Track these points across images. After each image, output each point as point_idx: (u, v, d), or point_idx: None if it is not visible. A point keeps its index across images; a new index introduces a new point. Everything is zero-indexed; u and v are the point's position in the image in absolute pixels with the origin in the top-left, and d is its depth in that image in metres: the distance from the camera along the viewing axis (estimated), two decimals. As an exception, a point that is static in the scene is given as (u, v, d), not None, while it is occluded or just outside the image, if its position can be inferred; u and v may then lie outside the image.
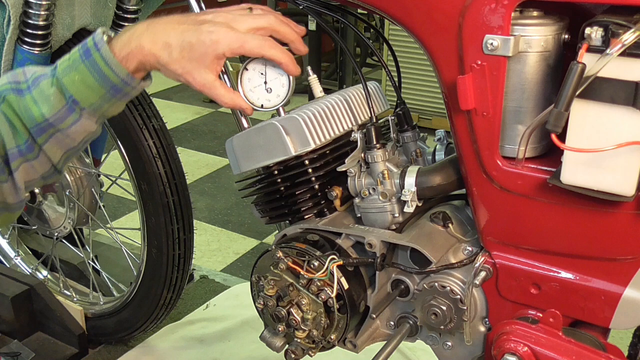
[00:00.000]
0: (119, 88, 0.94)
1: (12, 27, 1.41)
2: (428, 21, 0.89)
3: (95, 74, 0.92)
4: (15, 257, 2.13)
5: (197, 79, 0.93)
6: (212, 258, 2.65)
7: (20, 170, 0.96)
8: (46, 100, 0.93)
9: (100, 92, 0.93)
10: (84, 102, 0.94)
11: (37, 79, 0.95)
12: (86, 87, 0.93)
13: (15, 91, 0.95)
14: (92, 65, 0.92)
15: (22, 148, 0.95)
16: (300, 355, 1.08)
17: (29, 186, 1.01)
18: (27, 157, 0.96)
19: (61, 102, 0.94)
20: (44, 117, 0.94)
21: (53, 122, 0.94)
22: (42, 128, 0.94)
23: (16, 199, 0.99)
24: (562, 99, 0.75)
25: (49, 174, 1.02)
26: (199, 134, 4.03)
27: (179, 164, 1.66)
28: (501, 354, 0.93)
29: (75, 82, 0.93)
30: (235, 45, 0.92)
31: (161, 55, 0.92)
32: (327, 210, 1.10)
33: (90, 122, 0.97)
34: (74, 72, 0.93)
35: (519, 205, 0.92)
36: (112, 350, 1.98)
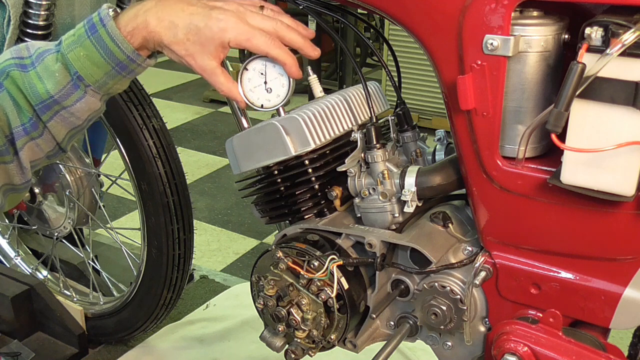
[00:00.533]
0: (124, 65, 0.93)
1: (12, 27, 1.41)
2: (428, 21, 0.89)
3: (101, 50, 0.91)
4: (15, 257, 2.13)
5: (198, 62, 0.93)
6: (212, 258, 2.65)
7: (25, 149, 0.95)
8: (51, 76, 0.92)
9: (106, 69, 0.92)
10: (89, 78, 0.93)
11: (42, 54, 0.94)
12: (92, 63, 0.92)
13: (19, 66, 0.93)
14: (98, 41, 0.91)
15: (26, 126, 0.94)
16: (300, 355, 1.08)
17: (35, 165, 1.00)
18: (32, 136, 0.95)
19: (66, 78, 0.92)
20: (48, 94, 0.92)
21: (58, 99, 0.93)
22: (47, 105, 0.93)
23: (22, 179, 0.98)
24: (562, 99, 0.75)
25: (54, 152, 1.00)
26: (199, 134, 4.03)
27: (179, 164, 1.66)
28: (501, 354, 0.93)
29: (80, 57, 0.92)
30: (242, 37, 0.91)
31: (165, 35, 0.91)
32: (327, 210, 1.10)
33: (95, 100, 0.96)
34: (79, 47, 0.92)
35: (519, 205, 0.92)
36: (112, 350, 1.98)
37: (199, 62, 0.93)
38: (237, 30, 0.91)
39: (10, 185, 0.97)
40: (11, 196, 0.99)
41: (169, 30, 0.91)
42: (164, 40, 0.91)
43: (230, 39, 0.91)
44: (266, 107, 1.01)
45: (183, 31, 0.91)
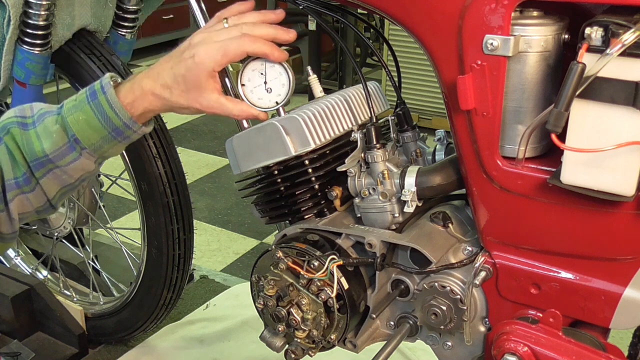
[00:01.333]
0: (120, 131, 0.97)
1: (12, 27, 1.41)
2: (428, 21, 0.89)
3: (99, 115, 0.95)
4: (15, 257, 2.13)
5: (203, 104, 0.96)
6: (212, 258, 2.65)
7: (15, 201, 0.99)
8: (49, 137, 0.96)
9: (102, 133, 0.96)
10: (86, 141, 0.97)
11: (43, 115, 0.98)
12: (89, 127, 0.96)
13: (21, 125, 0.98)
14: (97, 107, 0.95)
15: (19, 180, 0.98)
16: (300, 355, 1.08)
17: (23, 218, 1.03)
18: (23, 190, 0.99)
19: (63, 139, 0.97)
20: (44, 153, 0.96)
21: (52, 159, 0.97)
22: (41, 163, 0.97)
23: (10, 230, 1.02)
24: (562, 99, 0.75)
25: (44, 208, 1.04)
26: (199, 134, 4.03)
27: (179, 164, 1.66)
28: (501, 354, 0.93)
29: (79, 121, 0.96)
30: (217, 56, 0.93)
31: (164, 97, 0.95)
32: (327, 210, 1.10)
33: (89, 162, 1.00)
34: (79, 112, 0.96)
35: (519, 205, 0.92)
36: (112, 350, 1.98)
37: (203, 104, 0.96)
38: (209, 54, 0.93)
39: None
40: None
41: (165, 92, 0.95)
42: (166, 103, 0.96)
43: (211, 65, 0.93)
44: (266, 107, 1.01)
45: (175, 86, 0.95)
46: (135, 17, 1.66)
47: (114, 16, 1.64)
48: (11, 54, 1.46)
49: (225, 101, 0.97)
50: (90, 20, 1.57)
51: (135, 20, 1.67)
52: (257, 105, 1.01)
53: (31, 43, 1.45)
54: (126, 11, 1.64)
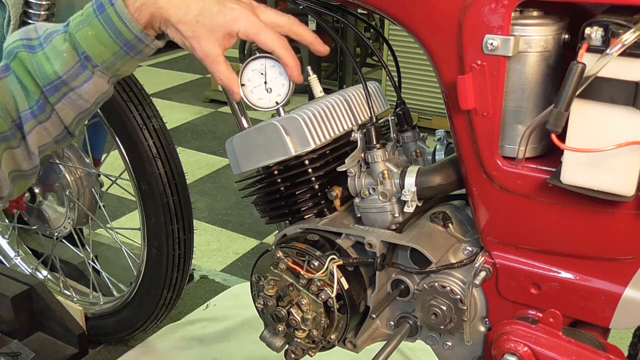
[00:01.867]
0: (132, 45, 0.92)
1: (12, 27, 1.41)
2: (428, 21, 0.89)
3: (109, 29, 0.90)
4: (15, 257, 2.13)
5: (203, 46, 0.91)
6: (212, 258, 2.65)
7: (33, 133, 0.94)
8: (59, 57, 0.91)
9: (114, 49, 0.92)
10: (97, 58, 0.92)
11: (50, 35, 0.93)
12: (99, 42, 0.91)
13: (27, 47, 0.93)
14: (106, 20, 0.90)
15: (34, 109, 0.93)
16: (300, 355, 1.08)
17: (43, 151, 0.99)
18: (39, 119, 0.94)
19: (74, 58, 0.92)
20: (56, 74, 0.92)
21: (66, 80, 0.92)
22: (55, 86, 0.92)
23: (30, 165, 0.97)
24: (562, 99, 0.75)
25: (62, 136, 0.99)
26: (199, 134, 4.03)
27: (179, 164, 1.66)
28: (501, 354, 0.93)
29: (88, 37, 0.91)
30: (251, 30, 0.91)
31: (174, 13, 0.90)
32: (327, 210, 1.10)
33: (103, 81, 0.95)
34: (87, 27, 0.91)
35: (519, 205, 0.92)
36: (112, 350, 1.98)
37: (203, 47, 0.91)
38: (249, 22, 0.91)
39: (19, 172, 0.96)
40: (19, 183, 0.98)
41: (178, 9, 0.90)
42: (171, 18, 0.90)
43: (240, 29, 0.91)
44: (266, 107, 1.01)
45: (194, 12, 0.90)
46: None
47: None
48: (11, 54, 1.46)
49: (221, 60, 0.93)
50: (90, 20, 1.57)
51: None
52: (257, 105, 1.01)
53: (31, 43, 1.45)
54: (126, 11, 1.64)
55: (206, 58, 0.92)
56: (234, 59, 1.06)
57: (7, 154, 0.93)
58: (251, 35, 0.91)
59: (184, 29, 0.90)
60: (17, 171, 0.96)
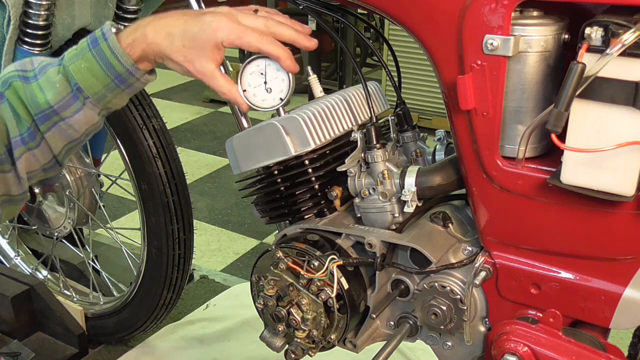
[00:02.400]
0: (123, 78, 0.95)
1: (12, 27, 1.41)
2: (428, 21, 0.89)
3: (101, 62, 0.94)
4: (15, 257, 2.13)
5: (197, 67, 0.94)
6: (212, 258, 2.65)
7: (22, 159, 0.97)
8: (52, 87, 0.95)
9: (105, 81, 0.95)
10: (89, 90, 0.95)
11: (45, 67, 0.96)
12: (92, 75, 0.94)
13: (22, 78, 0.96)
14: (99, 53, 0.94)
15: (24, 136, 0.96)
16: (300, 355, 1.08)
17: (31, 177, 1.01)
18: (29, 146, 0.97)
19: (66, 89, 0.95)
20: (48, 104, 0.95)
21: (57, 109, 0.95)
22: (46, 115, 0.95)
23: (19, 190, 1.00)
24: (562, 99, 0.75)
25: (50, 165, 1.02)
26: (199, 134, 4.03)
27: (179, 164, 1.66)
28: (501, 354, 0.93)
29: (81, 69, 0.94)
30: (233, 35, 0.93)
31: (163, 44, 0.93)
32: (327, 210, 1.10)
33: (93, 113, 0.98)
34: (80, 60, 0.95)
35: (519, 205, 0.92)
36: (112, 350, 1.98)
37: (197, 67, 0.94)
38: (228, 29, 0.93)
39: (8, 196, 0.99)
40: (8, 208, 1.01)
41: (166, 39, 0.93)
42: (162, 50, 0.94)
43: (222, 38, 0.93)
44: (266, 107, 1.01)
45: (179, 38, 0.93)
46: (135, 17, 1.66)
47: (114, 16, 1.64)
48: (11, 54, 1.46)
49: (218, 74, 0.96)
50: (90, 21, 1.57)
51: (135, 20, 1.67)
52: (257, 106, 1.01)
53: (31, 43, 1.44)
54: (126, 11, 1.64)
55: (203, 77, 0.95)
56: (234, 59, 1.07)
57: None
58: (234, 40, 0.93)
59: (176, 56, 0.94)
60: (6, 195, 0.99)
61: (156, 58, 0.96)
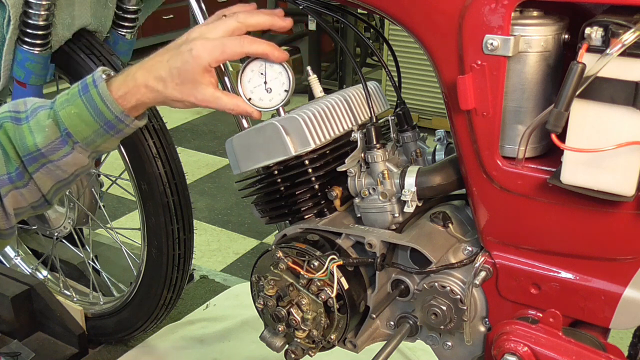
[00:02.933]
0: (112, 124, 0.96)
1: (12, 27, 1.41)
2: (428, 21, 0.89)
3: (91, 109, 0.95)
4: (15, 257, 2.13)
5: (198, 97, 0.95)
6: (212, 258, 2.65)
7: (9, 196, 0.99)
8: (41, 131, 0.96)
9: (94, 127, 0.96)
10: (78, 135, 0.96)
11: (36, 109, 0.98)
12: (81, 121, 0.96)
13: (14, 119, 0.98)
14: (89, 100, 0.95)
15: (12, 175, 0.98)
16: (300, 355, 1.08)
17: (19, 213, 1.03)
18: (16, 185, 0.98)
19: (55, 134, 0.96)
20: (36, 147, 0.96)
21: (45, 153, 0.96)
22: (34, 157, 0.97)
23: (7, 225, 1.02)
24: (562, 99, 0.75)
25: (39, 204, 1.04)
26: (199, 134, 4.03)
27: (179, 164, 1.66)
28: (501, 354, 0.93)
29: (71, 115, 0.96)
30: (216, 53, 0.93)
31: (158, 89, 0.95)
32: (327, 210, 1.10)
33: (82, 157, 0.99)
34: (70, 106, 0.96)
35: (519, 205, 0.92)
36: (112, 350, 1.98)
37: (198, 97, 0.95)
38: (208, 49, 0.93)
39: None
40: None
41: (158, 84, 0.95)
42: (159, 96, 0.95)
43: (208, 61, 0.93)
44: (266, 107, 1.01)
45: (169, 79, 0.94)
46: (135, 17, 1.66)
47: (114, 16, 1.64)
48: (11, 54, 1.46)
49: (220, 95, 0.96)
50: (90, 20, 1.57)
51: (135, 20, 1.67)
52: (257, 106, 1.01)
53: (31, 43, 1.44)
54: (126, 11, 1.64)
55: (207, 103, 0.96)
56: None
57: None
58: (219, 57, 0.94)
59: (174, 96, 0.95)
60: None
61: (157, 104, 0.98)
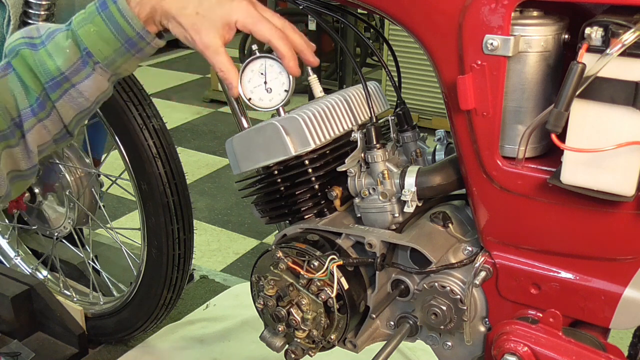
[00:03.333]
0: (133, 42, 0.93)
1: (12, 27, 1.41)
2: (428, 21, 0.89)
3: (111, 26, 0.92)
4: (15, 257, 2.13)
5: (203, 38, 0.92)
6: (212, 258, 2.65)
7: (33, 131, 0.95)
8: (62, 53, 0.93)
9: (115, 45, 0.93)
10: (98, 55, 0.93)
11: (52, 32, 0.94)
12: (101, 39, 0.92)
13: (30, 45, 0.94)
14: (108, 17, 0.92)
15: (34, 107, 0.94)
16: (300, 355, 1.08)
17: (42, 150, 1.00)
18: (39, 117, 0.95)
19: (76, 54, 0.93)
20: (59, 70, 0.93)
21: (68, 75, 0.93)
22: (57, 82, 0.94)
23: (29, 164, 0.98)
24: (562, 99, 0.75)
25: (61, 136, 1.00)
26: (199, 134, 4.03)
27: (179, 164, 1.66)
28: (501, 354, 0.93)
29: (90, 34, 0.92)
30: (249, 20, 0.92)
31: (174, 5, 0.91)
32: (327, 210, 1.10)
33: (103, 79, 0.96)
34: (89, 24, 0.93)
35: (519, 205, 0.92)
36: (112, 350, 1.98)
37: (204, 38, 0.92)
38: (247, 12, 0.92)
39: (17, 172, 0.97)
40: (18, 183, 0.99)
41: (178, 2, 0.91)
42: (171, 10, 0.91)
43: (238, 18, 0.91)
44: (266, 107, 1.01)
45: (194, 4, 0.91)
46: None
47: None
48: (11, 54, 1.46)
49: (222, 51, 0.93)
50: (90, 20, 1.57)
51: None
52: (257, 106, 1.01)
53: (31, 43, 1.44)
54: (126, 11, 1.64)
55: (206, 49, 0.93)
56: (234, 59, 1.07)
57: (6, 152, 0.94)
58: (248, 25, 0.92)
59: (184, 21, 0.91)
60: (15, 171, 0.96)
61: (162, 19, 0.93)
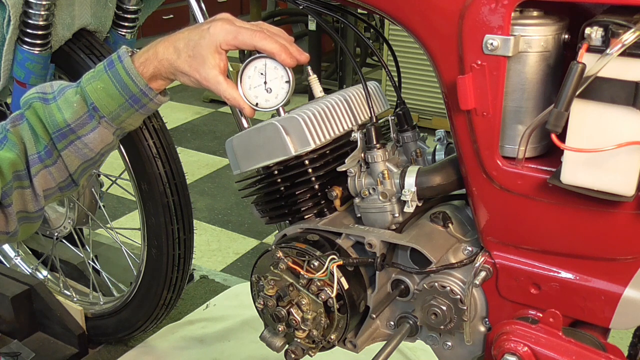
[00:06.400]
0: (137, 98, 1.01)
1: (12, 27, 1.41)
2: (428, 21, 0.89)
3: (117, 83, 1.00)
4: (15, 257, 2.13)
5: (202, 74, 0.98)
6: (212, 258, 2.65)
7: (39, 176, 1.03)
8: (70, 107, 1.01)
9: (120, 101, 1.00)
10: (104, 109, 1.01)
11: (63, 89, 1.03)
12: (107, 95, 1.00)
13: (42, 100, 1.02)
14: (114, 75, 1.00)
15: (41, 154, 1.02)
16: (300, 355, 1.08)
17: (47, 195, 1.06)
18: (45, 163, 1.03)
19: (83, 108, 1.01)
20: (66, 123, 1.01)
21: (74, 128, 1.01)
22: (63, 133, 1.01)
23: (36, 207, 1.05)
24: (562, 99, 0.75)
25: (66, 184, 1.07)
26: (199, 134, 4.03)
27: (179, 164, 1.66)
28: (501, 354, 0.93)
29: (97, 90, 1.00)
30: (229, 36, 0.97)
31: (171, 58, 0.99)
32: (327, 210, 1.10)
33: (108, 132, 1.03)
34: (97, 81, 1.01)
35: (519, 205, 0.92)
36: (112, 350, 1.98)
37: (202, 74, 0.98)
38: (224, 31, 0.97)
39: (25, 213, 1.04)
40: (24, 226, 1.06)
41: (174, 53, 0.99)
42: (171, 64, 0.99)
43: (220, 41, 0.97)
44: (266, 107, 1.01)
45: (184, 50, 0.98)
46: (135, 17, 1.66)
47: (114, 16, 1.64)
48: (11, 54, 1.45)
49: (222, 80, 0.99)
50: (90, 20, 1.57)
51: (135, 20, 1.67)
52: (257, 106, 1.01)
53: (31, 43, 1.44)
54: (126, 11, 1.64)
55: (208, 83, 0.99)
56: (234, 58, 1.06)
57: (18, 192, 1.01)
58: (230, 41, 0.97)
59: (184, 68, 0.99)
60: (24, 212, 1.04)
61: (168, 74, 1.01)
